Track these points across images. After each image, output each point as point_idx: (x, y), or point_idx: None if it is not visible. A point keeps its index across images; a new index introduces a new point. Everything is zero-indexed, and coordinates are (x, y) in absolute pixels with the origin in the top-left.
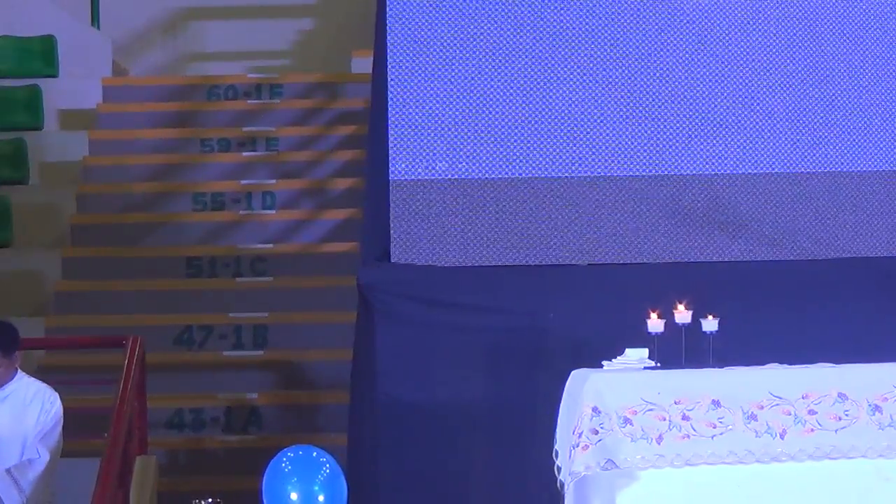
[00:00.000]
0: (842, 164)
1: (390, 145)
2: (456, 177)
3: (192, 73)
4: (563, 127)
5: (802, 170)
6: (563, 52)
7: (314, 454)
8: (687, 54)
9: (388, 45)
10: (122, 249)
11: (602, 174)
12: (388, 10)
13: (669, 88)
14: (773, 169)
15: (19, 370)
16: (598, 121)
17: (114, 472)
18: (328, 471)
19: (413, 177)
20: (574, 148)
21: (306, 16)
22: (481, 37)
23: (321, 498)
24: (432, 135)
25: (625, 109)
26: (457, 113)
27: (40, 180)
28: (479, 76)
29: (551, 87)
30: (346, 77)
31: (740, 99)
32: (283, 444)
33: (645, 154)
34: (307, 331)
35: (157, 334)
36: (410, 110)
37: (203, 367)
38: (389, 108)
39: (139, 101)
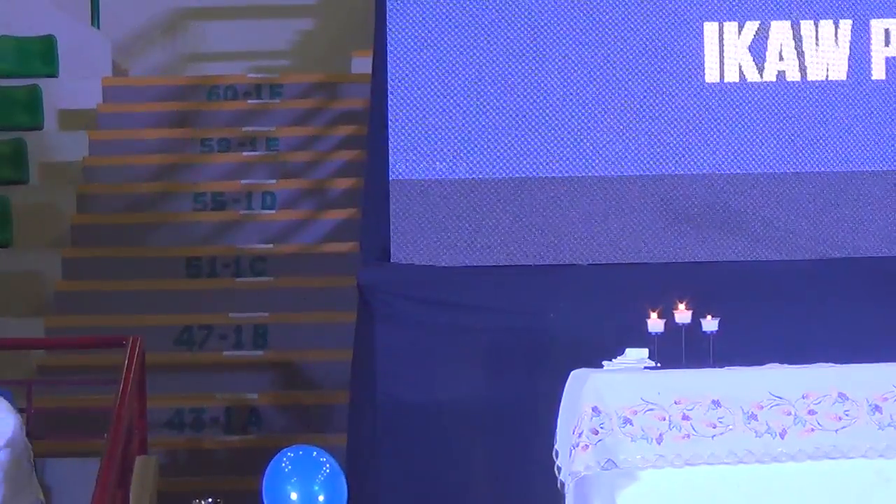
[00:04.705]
0: (841, 164)
1: (390, 145)
2: (456, 177)
3: (192, 73)
4: (563, 127)
5: (802, 170)
6: (563, 52)
7: (314, 454)
8: (687, 54)
9: (388, 45)
10: (122, 249)
11: (602, 174)
12: (388, 10)
13: (670, 88)
14: (773, 169)
15: None
16: (599, 120)
17: (114, 473)
18: (328, 471)
19: (413, 177)
20: (574, 148)
21: (306, 16)
22: (481, 37)
23: (321, 498)
24: (432, 135)
25: (625, 109)
26: (457, 113)
27: (40, 180)
28: (479, 76)
29: (551, 87)
30: (346, 77)
31: (740, 98)
32: (283, 444)
33: (645, 154)
34: (307, 331)
35: (157, 334)
36: (410, 110)
37: (203, 367)
38: (389, 108)
39: (139, 101)
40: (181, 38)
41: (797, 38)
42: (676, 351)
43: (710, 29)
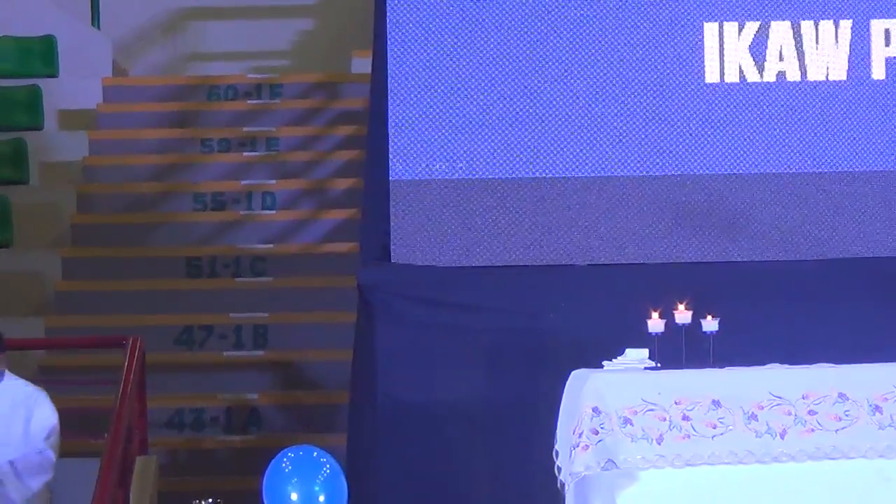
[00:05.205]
0: (842, 164)
1: (390, 145)
2: (456, 177)
3: (192, 73)
4: (563, 127)
5: (802, 170)
6: (562, 53)
7: (314, 454)
8: (687, 54)
9: (388, 45)
10: (122, 249)
11: (602, 174)
12: (387, 10)
13: (670, 88)
14: (773, 169)
15: (7, 372)
16: (599, 121)
17: (114, 473)
18: (328, 471)
19: (413, 177)
20: (574, 148)
21: (306, 16)
22: (481, 37)
23: (321, 498)
24: (432, 135)
25: (625, 109)
26: (456, 113)
27: (40, 180)
28: (479, 76)
29: (551, 88)
30: (346, 77)
31: (740, 98)
32: (284, 444)
33: (645, 154)
34: (307, 331)
35: (157, 334)
36: (410, 110)
37: (203, 367)
38: (389, 108)
39: (139, 101)
40: (181, 38)
41: (797, 38)
42: (676, 351)
43: (710, 29)
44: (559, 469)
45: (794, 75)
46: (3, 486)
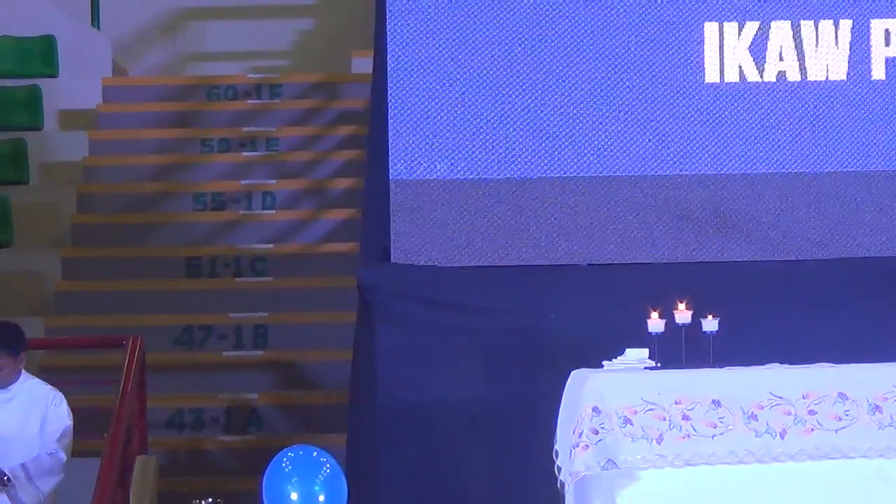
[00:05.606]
0: (842, 164)
1: (390, 145)
2: (456, 177)
3: (192, 73)
4: (562, 127)
5: (802, 170)
6: (563, 53)
7: (314, 454)
8: (687, 54)
9: (388, 45)
10: (122, 249)
11: (602, 174)
12: (388, 10)
13: (670, 88)
14: (773, 169)
15: (24, 371)
16: (599, 121)
17: (114, 472)
18: (328, 471)
19: (413, 177)
20: (574, 148)
21: (306, 16)
22: (481, 37)
23: (321, 498)
24: (432, 135)
25: (625, 109)
26: (457, 113)
27: (40, 180)
28: (479, 76)
29: (551, 88)
30: (346, 77)
31: (740, 98)
32: (283, 444)
33: (645, 154)
34: (307, 331)
35: (157, 334)
36: (410, 110)
37: (203, 367)
38: (389, 108)
39: (139, 101)
40: (181, 38)
41: (797, 39)
42: (676, 351)
43: (710, 29)
44: (559, 469)
45: (794, 75)
46: (14, 489)
